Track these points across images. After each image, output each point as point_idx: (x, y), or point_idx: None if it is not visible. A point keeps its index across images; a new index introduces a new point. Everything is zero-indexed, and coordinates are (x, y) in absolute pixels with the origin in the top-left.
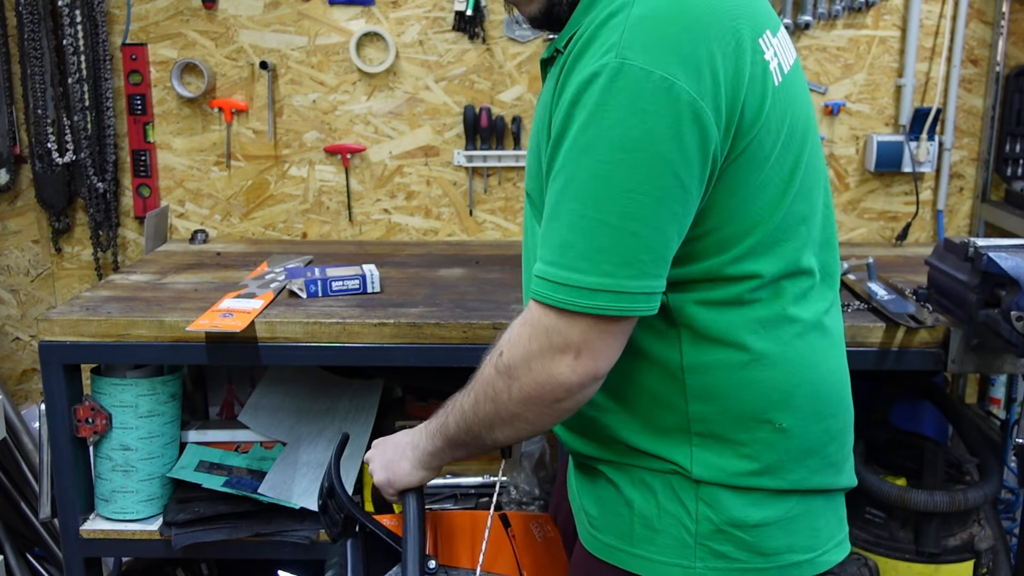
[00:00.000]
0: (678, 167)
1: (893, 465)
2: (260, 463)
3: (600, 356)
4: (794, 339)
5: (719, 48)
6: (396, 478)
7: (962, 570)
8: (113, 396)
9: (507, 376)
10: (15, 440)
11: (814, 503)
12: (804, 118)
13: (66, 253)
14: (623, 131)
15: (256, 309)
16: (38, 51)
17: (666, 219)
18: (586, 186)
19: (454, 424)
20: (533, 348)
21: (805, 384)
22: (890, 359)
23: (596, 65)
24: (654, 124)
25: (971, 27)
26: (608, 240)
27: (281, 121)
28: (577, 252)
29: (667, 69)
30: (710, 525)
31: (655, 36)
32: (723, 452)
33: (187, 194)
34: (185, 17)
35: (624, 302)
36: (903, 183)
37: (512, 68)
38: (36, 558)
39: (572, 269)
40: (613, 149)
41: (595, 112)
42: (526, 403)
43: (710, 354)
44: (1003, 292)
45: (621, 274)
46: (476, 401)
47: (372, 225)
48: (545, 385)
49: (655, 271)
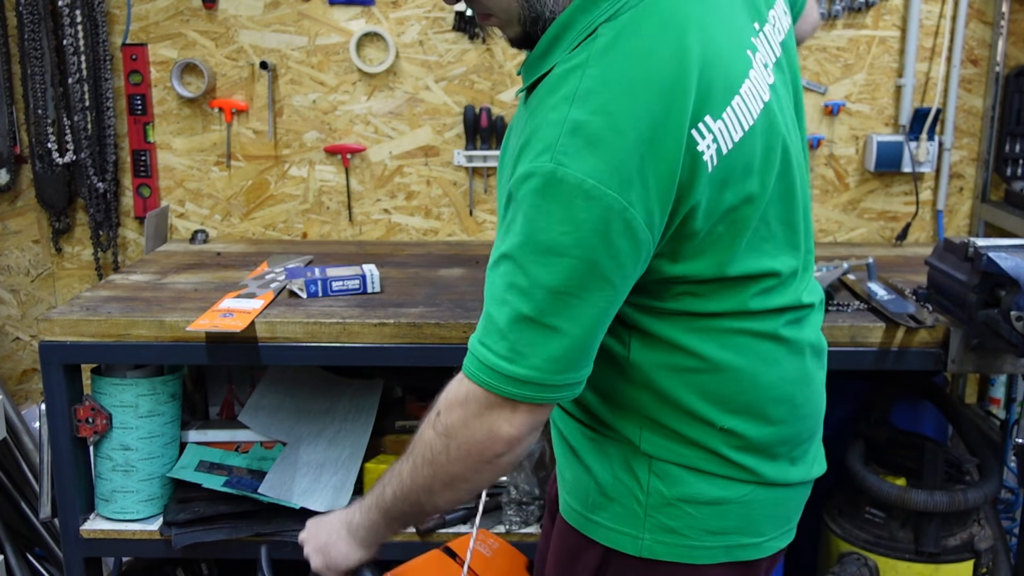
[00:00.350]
0: (608, 271)
1: (893, 465)
2: (260, 463)
3: (537, 411)
4: (743, 347)
5: (654, 152)
6: (332, 561)
7: (962, 570)
8: (113, 396)
9: (445, 436)
10: (15, 440)
11: (773, 493)
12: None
13: (66, 253)
14: (555, 237)
15: (256, 309)
16: (38, 51)
17: (596, 317)
18: (520, 281)
19: (391, 494)
20: (471, 409)
21: (749, 392)
22: (890, 359)
23: (532, 165)
24: (584, 233)
25: (971, 27)
26: (537, 338)
27: (281, 121)
28: (509, 344)
29: (599, 178)
30: (660, 498)
31: (590, 140)
32: (671, 438)
33: (187, 194)
34: (185, 17)
35: (549, 393)
36: (903, 183)
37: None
38: (36, 558)
39: (503, 358)
40: (545, 253)
41: (529, 215)
42: (465, 462)
43: (655, 355)
44: (1003, 292)
45: (548, 369)
46: (414, 466)
47: (372, 225)
48: (484, 442)
49: (582, 362)
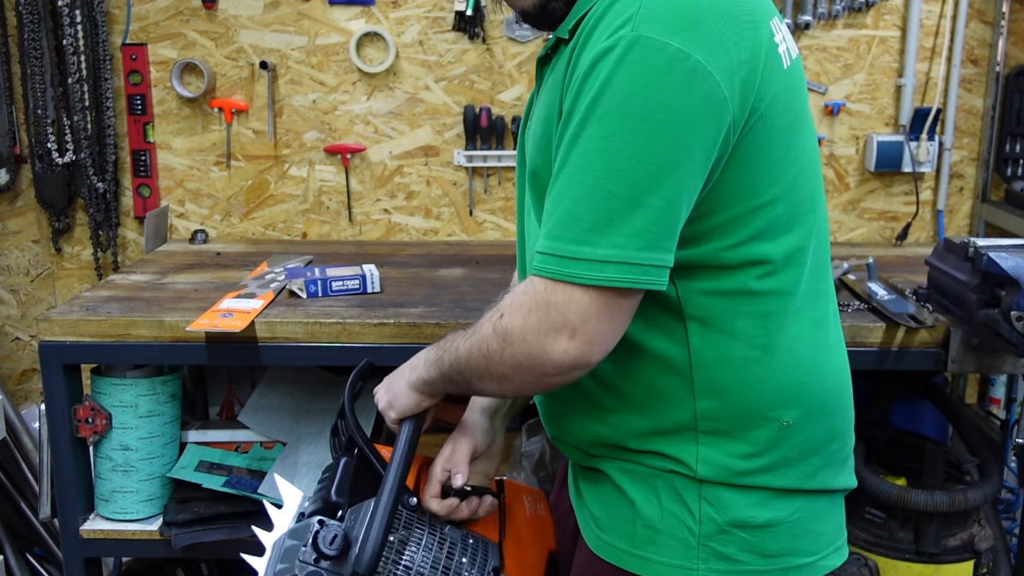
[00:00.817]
0: (691, 139)
1: (893, 465)
2: (260, 463)
3: (595, 341)
4: (802, 334)
5: (735, 25)
6: (395, 398)
7: (962, 570)
8: (113, 396)
9: (502, 339)
10: (15, 440)
11: (818, 505)
12: (805, 114)
13: (66, 253)
14: (637, 102)
15: (256, 309)
16: (38, 51)
17: (678, 191)
18: (597, 157)
19: (448, 362)
20: (531, 321)
21: (812, 380)
22: (890, 359)
23: (611, 39)
24: (668, 96)
25: (971, 27)
26: (619, 211)
27: (281, 121)
28: (586, 224)
29: (683, 43)
30: (713, 525)
31: (672, 10)
32: (728, 449)
33: (187, 194)
34: (185, 17)
35: (634, 274)
36: (903, 183)
37: (512, 68)
38: (36, 558)
39: (581, 242)
40: (626, 119)
41: (608, 83)
42: (516, 368)
43: (718, 348)
44: (1003, 292)
45: (632, 245)
46: (471, 352)
47: (372, 225)
48: (537, 359)
49: (665, 244)
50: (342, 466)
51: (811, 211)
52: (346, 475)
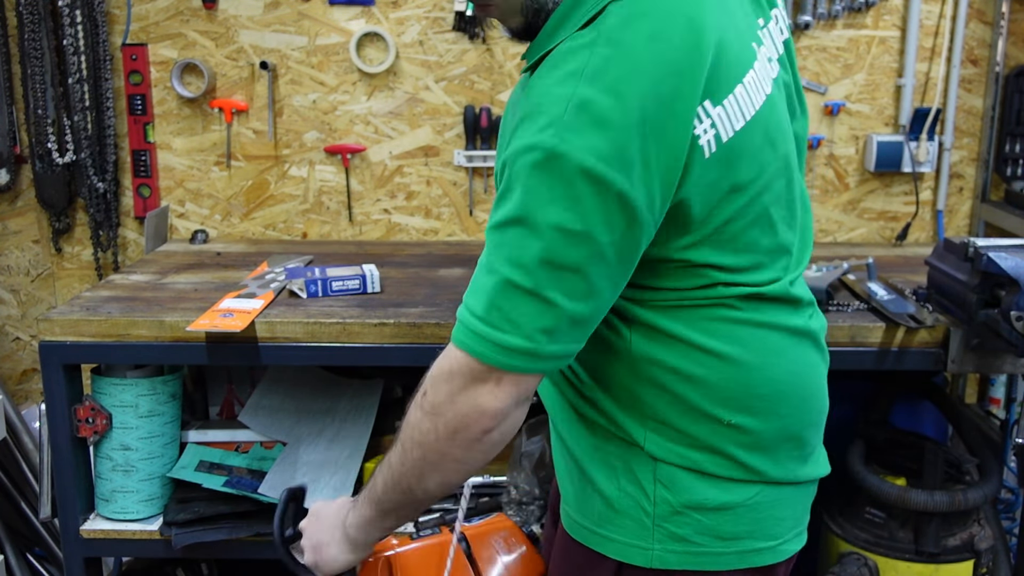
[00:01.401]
0: (606, 249)
1: (893, 465)
2: (260, 463)
3: (522, 382)
4: (748, 339)
5: (658, 135)
6: (323, 561)
7: (962, 570)
8: (113, 396)
9: (432, 415)
10: (15, 440)
11: (780, 492)
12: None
13: (66, 253)
14: (553, 212)
15: (256, 309)
16: (38, 51)
17: (591, 293)
18: (516, 252)
19: (381, 483)
20: (456, 383)
21: (757, 386)
22: (890, 359)
23: (535, 139)
24: (584, 210)
25: (971, 27)
26: (531, 308)
27: (281, 121)
28: (502, 314)
29: (601, 157)
30: (668, 507)
31: (595, 119)
32: (674, 437)
33: (187, 194)
34: (185, 17)
35: (540, 364)
36: (903, 183)
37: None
38: (36, 558)
39: (494, 328)
40: (542, 227)
41: (529, 188)
42: (453, 439)
43: (658, 350)
44: (1003, 292)
45: (541, 339)
46: (403, 449)
47: (372, 225)
48: (470, 415)
49: (576, 336)
50: None
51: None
52: None
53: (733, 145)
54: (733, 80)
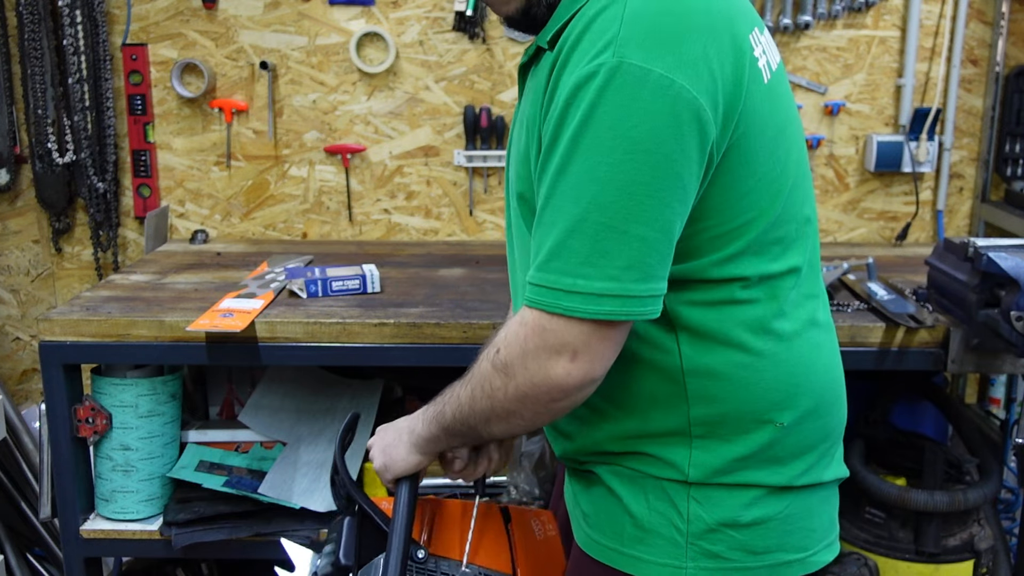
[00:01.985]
0: (679, 166)
1: (893, 465)
2: (260, 463)
3: (597, 359)
4: (792, 337)
5: (715, 44)
6: (392, 462)
7: (962, 570)
8: (113, 396)
9: (503, 374)
10: (15, 440)
11: (809, 501)
12: (792, 120)
13: (66, 253)
14: (623, 131)
15: (256, 309)
16: (38, 51)
17: (669, 219)
18: (586, 188)
19: (451, 414)
20: (529, 348)
21: (804, 382)
22: (890, 359)
23: (593, 64)
24: (654, 124)
25: (971, 27)
26: (612, 244)
27: (281, 121)
28: (580, 257)
29: (666, 67)
30: (702, 524)
31: (652, 33)
32: (722, 453)
33: (187, 194)
34: (185, 17)
35: (630, 306)
36: (903, 183)
37: (512, 68)
38: (36, 558)
39: (575, 275)
40: (613, 150)
41: (592, 113)
42: (522, 401)
43: (710, 356)
44: (1003, 292)
45: (627, 278)
46: (473, 395)
47: (372, 225)
48: (541, 385)
49: (659, 272)
50: (346, 527)
51: (795, 219)
52: (351, 536)
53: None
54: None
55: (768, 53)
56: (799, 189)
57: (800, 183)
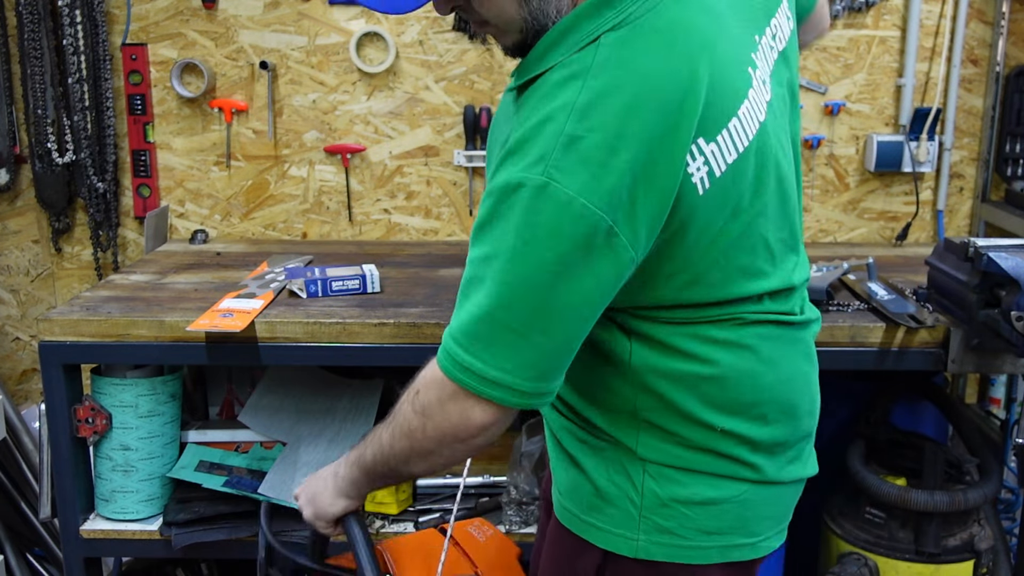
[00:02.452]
0: (588, 288)
1: (893, 465)
2: (260, 463)
3: (510, 411)
4: (743, 351)
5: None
6: (319, 510)
7: (962, 570)
8: (113, 396)
9: (422, 415)
10: (15, 440)
11: (768, 491)
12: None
13: (66, 253)
14: (539, 251)
15: (256, 309)
16: (38, 51)
17: (573, 331)
18: (498, 289)
19: (371, 456)
20: (447, 391)
21: (749, 394)
22: (890, 359)
23: (523, 175)
24: (568, 248)
25: (971, 27)
26: (510, 344)
27: (281, 121)
28: (482, 344)
29: (589, 196)
30: (655, 499)
31: (584, 157)
32: (668, 440)
33: (187, 194)
34: (185, 17)
35: (517, 399)
36: (903, 183)
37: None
38: (36, 558)
39: (475, 357)
40: (527, 265)
41: (515, 225)
42: (440, 441)
43: (658, 360)
44: (1003, 292)
45: (519, 375)
46: (393, 436)
47: (372, 225)
48: (458, 425)
49: (553, 375)
50: None
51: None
52: None
53: (726, 179)
54: (727, 114)
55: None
56: (768, 218)
57: (772, 209)
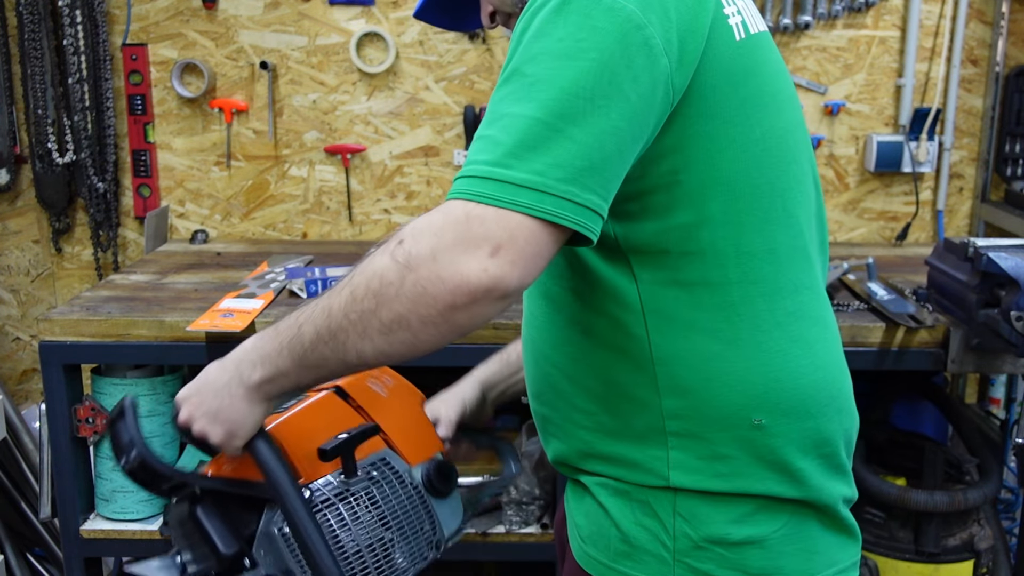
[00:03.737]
0: (625, 83)
1: (893, 465)
2: None
3: (518, 262)
4: (773, 328)
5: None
6: (237, 427)
7: (962, 570)
8: (113, 396)
9: (404, 267)
10: (15, 440)
11: (807, 521)
12: (778, 87)
13: (66, 253)
14: (571, 43)
15: (256, 309)
16: (38, 51)
17: (608, 131)
18: (525, 90)
19: (311, 334)
20: (446, 238)
21: (785, 377)
22: (890, 359)
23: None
24: (603, 39)
25: (971, 27)
26: (541, 138)
27: (281, 121)
28: (505, 149)
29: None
30: (688, 542)
31: None
32: (700, 451)
33: (187, 194)
34: (185, 17)
35: (550, 205)
36: (903, 183)
37: None
38: (36, 558)
39: (498, 164)
40: (559, 56)
41: (543, 28)
42: (416, 301)
43: (679, 343)
44: (1003, 292)
45: (551, 174)
46: (353, 296)
47: (372, 225)
48: (446, 280)
49: (590, 183)
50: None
51: (783, 197)
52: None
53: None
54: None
55: (746, 14)
56: (787, 163)
57: (786, 160)
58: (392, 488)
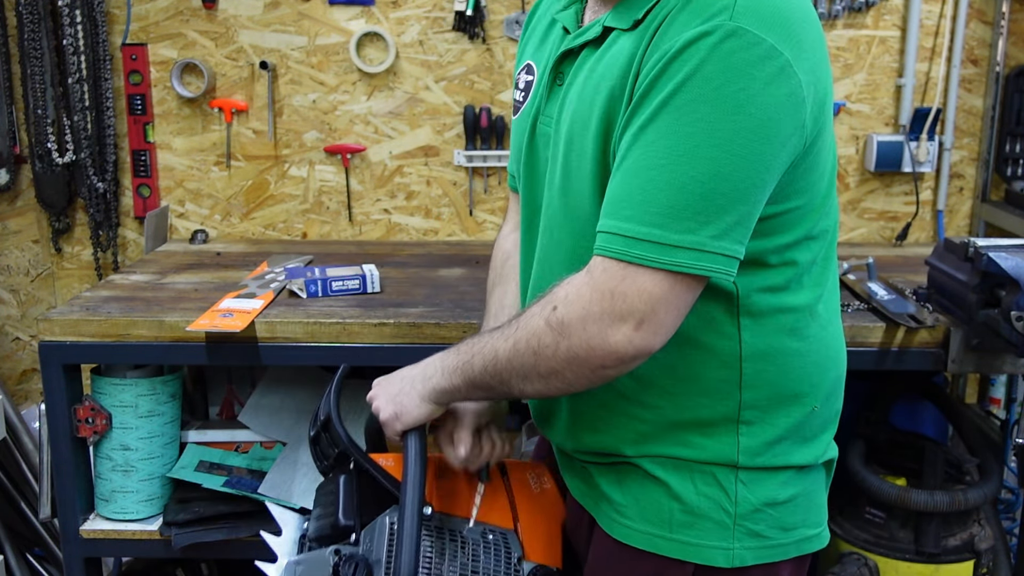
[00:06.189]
0: (775, 138)
1: (893, 465)
2: (260, 463)
3: (660, 329)
4: (827, 324)
5: (817, 35)
6: (403, 411)
7: (962, 570)
8: (113, 396)
9: (558, 332)
10: (15, 440)
11: (818, 479)
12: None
13: (66, 253)
14: (729, 93)
15: (256, 309)
16: (38, 51)
17: (756, 186)
18: (679, 144)
19: (480, 366)
20: (593, 310)
21: (832, 368)
22: (890, 359)
23: (707, 25)
24: (760, 91)
25: (971, 27)
26: (694, 198)
27: (281, 121)
28: (659, 208)
29: (777, 40)
30: (748, 505)
31: (769, 9)
32: (764, 435)
33: (187, 194)
34: (185, 17)
35: (705, 261)
36: (903, 183)
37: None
38: (36, 558)
39: (652, 224)
40: (715, 109)
41: (699, 70)
42: (570, 362)
43: (767, 342)
44: (1003, 292)
45: (704, 232)
46: (515, 350)
47: (372, 225)
48: (597, 349)
49: (737, 236)
50: (343, 486)
51: (833, 210)
52: (350, 494)
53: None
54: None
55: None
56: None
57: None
58: (496, 560)
